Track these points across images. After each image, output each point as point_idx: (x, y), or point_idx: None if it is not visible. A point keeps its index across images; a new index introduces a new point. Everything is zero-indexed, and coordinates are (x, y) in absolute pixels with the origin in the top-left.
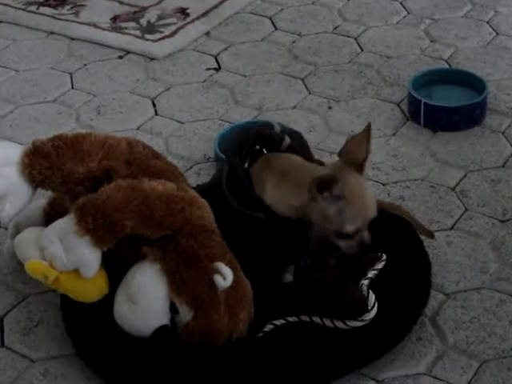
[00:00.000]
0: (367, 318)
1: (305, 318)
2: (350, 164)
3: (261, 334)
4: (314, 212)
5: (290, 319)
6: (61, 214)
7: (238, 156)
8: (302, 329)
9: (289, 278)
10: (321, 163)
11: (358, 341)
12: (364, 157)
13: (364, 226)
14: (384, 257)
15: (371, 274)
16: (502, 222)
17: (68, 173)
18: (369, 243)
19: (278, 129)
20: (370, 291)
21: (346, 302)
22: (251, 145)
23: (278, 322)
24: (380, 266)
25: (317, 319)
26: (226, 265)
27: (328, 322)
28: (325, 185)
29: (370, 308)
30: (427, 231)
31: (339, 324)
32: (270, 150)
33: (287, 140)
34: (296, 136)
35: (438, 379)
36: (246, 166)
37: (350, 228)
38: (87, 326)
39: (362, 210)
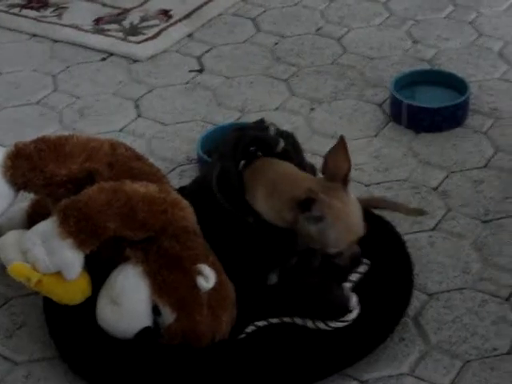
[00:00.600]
0: (349, 319)
1: (287, 319)
2: (334, 179)
3: (243, 336)
4: (298, 230)
5: (272, 320)
6: (43, 216)
7: (232, 158)
8: (285, 330)
9: (274, 279)
10: (312, 167)
11: (341, 341)
12: (346, 169)
13: (350, 246)
14: (368, 261)
15: (354, 277)
16: (484, 222)
17: (50, 175)
18: (358, 256)
19: (272, 130)
20: (352, 292)
21: (327, 302)
22: (246, 147)
23: (260, 324)
24: (363, 269)
25: (298, 320)
26: (209, 266)
27: (310, 324)
28: (305, 205)
29: (351, 309)
30: (417, 210)
31: (321, 325)
32: (265, 152)
33: (281, 143)
34: (289, 138)
35: (421, 379)
36: (240, 168)
37: (333, 250)
38: (70, 328)
39: (345, 232)
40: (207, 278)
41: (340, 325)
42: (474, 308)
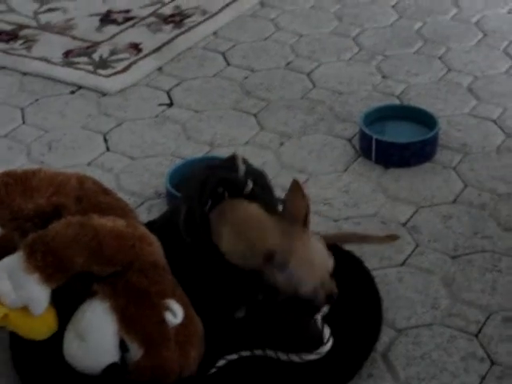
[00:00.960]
0: (323, 351)
1: (259, 352)
2: (294, 221)
3: (213, 370)
4: (266, 281)
5: (243, 353)
6: (9, 250)
7: (198, 199)
8: (253, 365)
9: (241, 313)
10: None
11: (310, 377)
12: (305, 211)
13: (323, 285)
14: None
15: (325, 307)
16: (453, 257)
17: (17, 209)
18: (336, 292)
19: (242, 170)
20: (325, 324)
21: (300, 335)
22: (213, 188)
23: (231, 357)
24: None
25: (271, 353)
26: (177, 302)
27: (283, 356)
28: (266, 258)
29: (325, 341)
30: (390, 236)
31: (294, 358)
32: (233, 193)
33: (250, 185)
34: (258, 177)
35: None
36: (207, 209)
37: (305, 290)
38: (36, 363)
39: (311, 271)
40: (175, 313)
41: (314, 357)
42: (442, 344)
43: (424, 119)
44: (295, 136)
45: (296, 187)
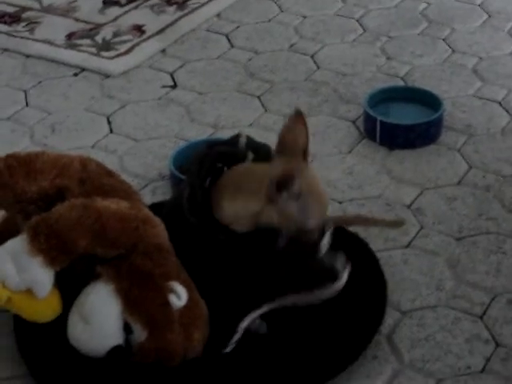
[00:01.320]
0: (339, 285)
1: (276, 304)
2: (293, 154)
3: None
4: (274, 214)
5: (259, 311)
6: (13, 234)
7: (197, 175)
8: (257, 348)
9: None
10: None
11: (314, 359)
12: (305, 143)
13: (323, 218)
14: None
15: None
16: (458, 239)
17: (20, 192)
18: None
19: (242, 143)
20: (338, 256)
21: (310, 276)
22: (212, 164)
23: (254, 315)
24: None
25: (288, 300)
26: (181, 284)
27: (301, 300)
28: (283, 185)
29: (340, 275)
30: (397, 222)
31: (311, 298)
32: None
33: (250, 156)
34: (261, 148)
35: None
36: (207, 185)
37: (312, 223)
38: (40, 346)
39: (319, 204)
40: (179, 295)
41: (331, 294)
42: (447, 326)
43: (428, 101)
44: None
45: (300, 117)
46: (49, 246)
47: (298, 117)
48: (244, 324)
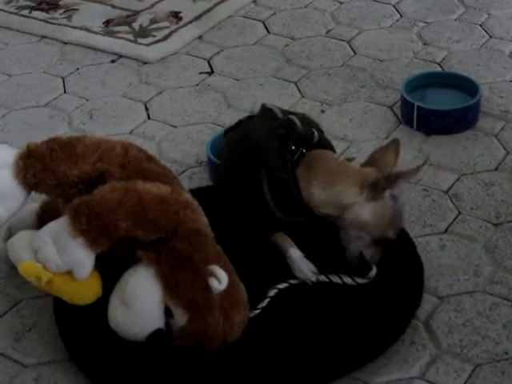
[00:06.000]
0: (372, 276)
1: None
2: (376, 172)
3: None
4: (367, 211)
5: (292, 282)
6: (53, 217)
7: (284, 169)
8: (294, 331)
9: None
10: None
11: (351, 343)
12: (392, 166)
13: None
14: None
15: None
16: (495, 225)
17: (62, 175)
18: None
19: (298, 123)
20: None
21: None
22: (291, 149)
23: (282, 286)
24: None
25: (322, 277)
26: (221, 268)
27: (336, 279)
28: (388, 184)
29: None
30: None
31: (348, 280)
32: (303, 147)
33: (316, 134)
34: (310, 121)
35: (432, 383)
36: (290, 169)
37: (391, 233)
38: (80, 330)
39: (401, 216)
40: (219, 279)
41: (365, 281)
42: (484, 311)
43: (465, 86)
44: (336, 103)
45: (395, 145)
46: (90, 227)
47: (394, 145)
48: (271, 293)
